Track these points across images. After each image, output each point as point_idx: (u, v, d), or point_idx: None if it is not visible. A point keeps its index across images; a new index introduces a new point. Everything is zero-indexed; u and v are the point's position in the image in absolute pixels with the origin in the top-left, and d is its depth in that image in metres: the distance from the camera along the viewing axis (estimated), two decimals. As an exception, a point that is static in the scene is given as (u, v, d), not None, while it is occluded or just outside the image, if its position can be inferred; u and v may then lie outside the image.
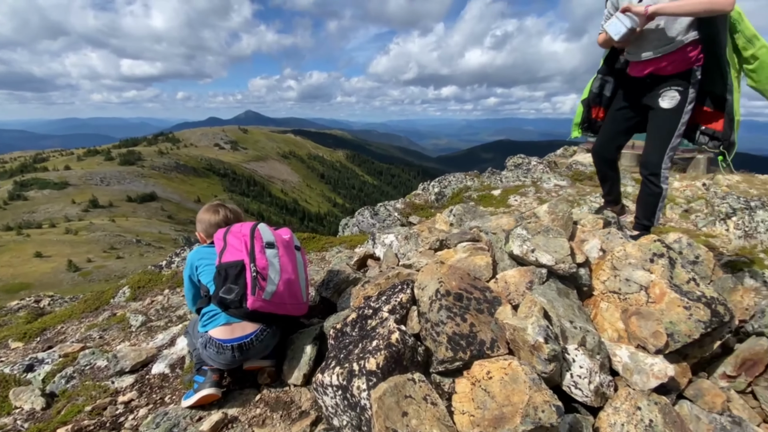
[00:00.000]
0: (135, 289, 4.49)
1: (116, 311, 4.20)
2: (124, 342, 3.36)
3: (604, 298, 1.75)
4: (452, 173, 9.05)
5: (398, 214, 7.47)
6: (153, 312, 3.80)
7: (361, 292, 1.95)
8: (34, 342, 4.18)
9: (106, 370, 2.78)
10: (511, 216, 2.47)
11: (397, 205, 8.10)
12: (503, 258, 2.00)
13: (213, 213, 2.18)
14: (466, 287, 1.61)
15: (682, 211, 5.48)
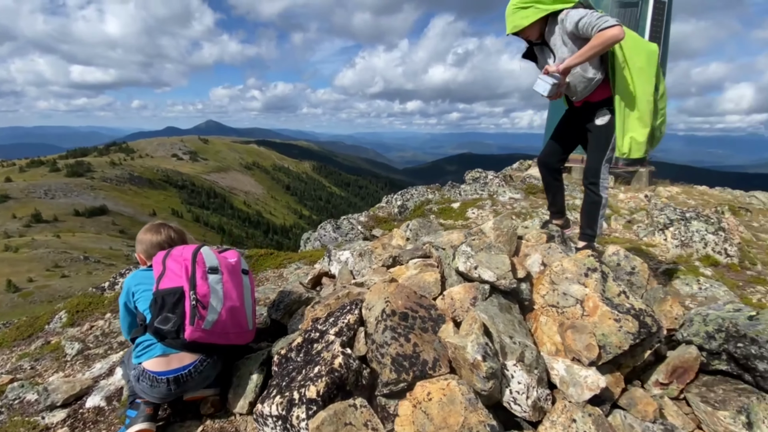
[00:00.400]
0: (73, 313, 4.15)
1: (51, 338, 3.87)
2: (57, 373, 3.09)
3: (543, 312, 1.82)
4: (414, 186, 9.20)
5: (361, 228, 7.46)
6: (92, 339, 3.53)
7: (311, 313, 1.91)
8: (-47, 376, 3.76)
9: (36, 405, 2.55)
10: (461, 232, 2.53)
11: (360, 218, 8.10)
12: (451, 274, 2.04)
13: (154, 233, 2.04)
14: (412, 306, 1.62)
15: (625, 222, 5.86)
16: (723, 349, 1.80)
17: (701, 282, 4.01)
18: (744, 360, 1.75)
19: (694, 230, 4.94)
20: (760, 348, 1.71)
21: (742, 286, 4.22)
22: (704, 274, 4.24)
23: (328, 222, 7.46)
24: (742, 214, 7.31)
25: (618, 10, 9.24)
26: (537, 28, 2.33)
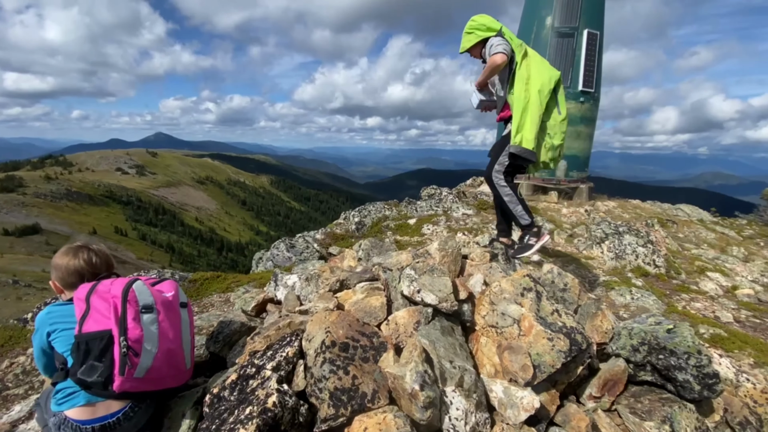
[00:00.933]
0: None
1: (-44, 381, 3.38)
2: (-40, 421, 2.70)
3: (484, 333, 1.86)
4: (372, 203, 9.24)
5: (317, 246, 7.33)
6: (11, 377, 3.14)
7: (250, 345, 1.82)
8: None
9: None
10: (410, 252, 2.55)
11: (316, 236, 7.97)
12: (397, 297, 2.04)
13: (72, 257, 1.76)
14: (353, 335, 1.59)
15: (567, 236, 6.23)
16: (647, 361, 1.93)
17: (633, 292, 4.33)
18: (665, 371, 1.88)
19: (627, 243, 5.35)
20: (678, 359, 1.85)
21: (669, 294, 4.61)
22: (636, 284, 4.58)
23: (281, 240, 7.25)
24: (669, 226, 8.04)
25: (557, 40, 10.01)
26: (479, 49, 2.88)
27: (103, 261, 1.83)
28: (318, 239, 7.91)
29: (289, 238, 7.48)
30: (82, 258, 1.77)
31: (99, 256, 1.82)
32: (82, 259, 1.77)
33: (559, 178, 10.22)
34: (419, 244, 5.74)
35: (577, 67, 10.03)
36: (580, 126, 10.32)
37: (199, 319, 3.38)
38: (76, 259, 1.76)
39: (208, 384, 1.89)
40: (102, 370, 1.44)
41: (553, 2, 10.11)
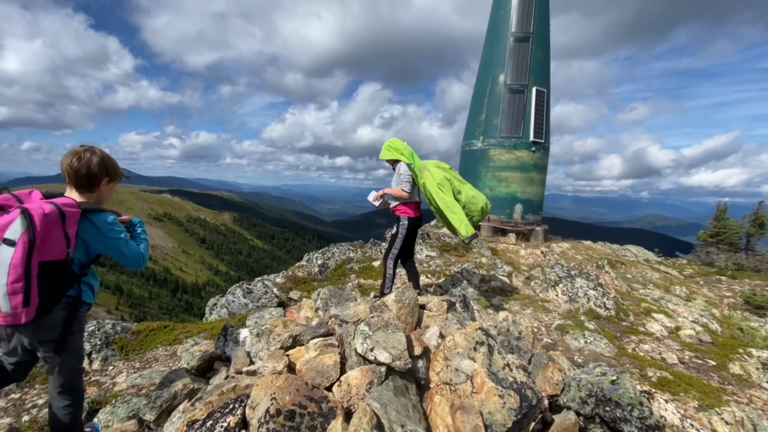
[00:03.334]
0: None
1: None
2: None
3: (438, 391, 1.83)
4: (336, 244, 9.17)
5: (277, 290, 7.08)
6: None
7: (189, 413, 1.68)
8: None
9: None
10: (367, 303, 2.52)
11: (277, 280, 7.71)
12: (351, 354, 1.99)
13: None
14: (301, 401, 1.51)
15: (524, 279, 6.44)
16: (595, 413, 1.97)
17: (587, 336, 4.47)
18: (612, 423, 1.92)
19: (579, 286, 5.60)
20: (623, 411, 1.90)
21: (620, 336, 4.80)
22: (588, 327, 4.75)
23: (238, 285, 6.94)
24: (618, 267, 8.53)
25: (509, 96, 10.90)
26: (393, 161, 4.18)
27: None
28: (278, 283, 7.65)
29: (247, 283, 7.18)
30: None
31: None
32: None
33: (516, 220, 10.70)
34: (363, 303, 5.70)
35: (528, 120, 10.88)
36: (533, 173, 11.03)
37: (140, 377, 3.10)
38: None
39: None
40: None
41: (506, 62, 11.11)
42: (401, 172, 3.99)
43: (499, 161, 10.83)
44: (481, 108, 11.47)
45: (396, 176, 4.05)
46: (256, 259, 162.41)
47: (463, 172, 11.90)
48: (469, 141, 11.64)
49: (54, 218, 1.67)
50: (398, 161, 4.10)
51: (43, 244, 1.64)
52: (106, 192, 1.94)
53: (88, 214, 1.79)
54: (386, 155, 4.19)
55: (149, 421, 2.01)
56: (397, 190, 3.97)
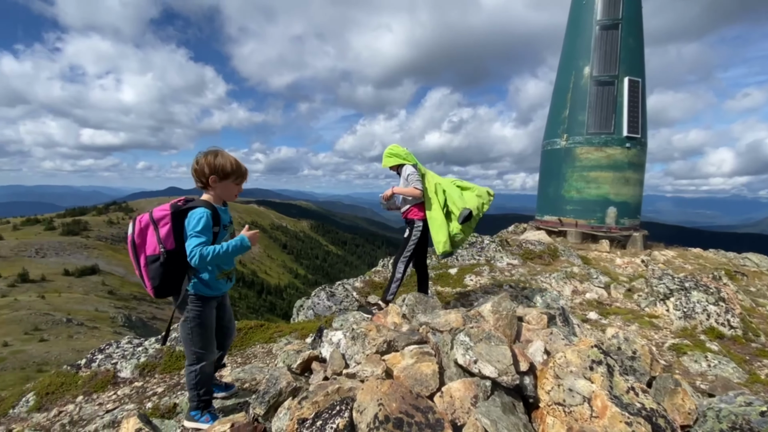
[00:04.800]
0: (42, 395, 3.83)
1: (13, 426, 3.51)
2: (12, 471, 2.76)
3: (550, 412, 1.68)
4: (411, 251, 9.17)
5: (357, 294, 7.27)
6: (58, 428, 3.21)
7: (297, 411, 1.76)
8: None
9: None
10: (459, 312, 2.44)
11: (356, 284, 7.94)
12: (450, 365, 1.92)
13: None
14: (407, 409, 1.49)
15: (625, 291, 5.76)
16: (746, 453, 1.64)
17: (709, 358, 3.84)
18: (771, 467, 1.59)
19: (695, 301, 4.84)
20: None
21: (749, 360, 4.04)
22: (711, 349, 4.08)
23: (321, 289, 7.27)
24: (739, 278, 7.26)
25: (596, 89, 9.99)
26: (396, 167, 4.06)
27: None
28: (357, 287, 7.86)
29: (329, 286, 7.49)
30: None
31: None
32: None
33: (609, 225, 9.72)
34: (462, 296, 5.52)
35: (620, 114, 9.86)
36: (628, 171, 9.94)
37: (242, 372, 3.37)
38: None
39: (254, 452, 1.82)
40: None
41: (591, 53, 10.22)
42: (409, 173, 3.88)
43: (587, 160, 9.95)
44: (564, 104, 10.67)
45: (403, 180, 3.93)
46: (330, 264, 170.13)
47: (545, 174, 11.16)
48: (551, 140, 10.89)
49: (146, 224, 2.14)
50: (402, 165, 3.98)
51: (142, 243, 2.12)
52: (222, 189, 2.22)
53: (189, 211, 2.12)
54: (389, 162, 4.05)
55: (258, 415, 2.15)
56: (410, 189, 3.84)
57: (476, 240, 9.12)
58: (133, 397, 3.52)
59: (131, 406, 3.29)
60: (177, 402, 2.99)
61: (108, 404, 3.44)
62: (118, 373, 3.91)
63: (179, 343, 4.39)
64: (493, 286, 6.14)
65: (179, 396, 3.12)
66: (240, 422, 2.23)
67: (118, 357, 4.14)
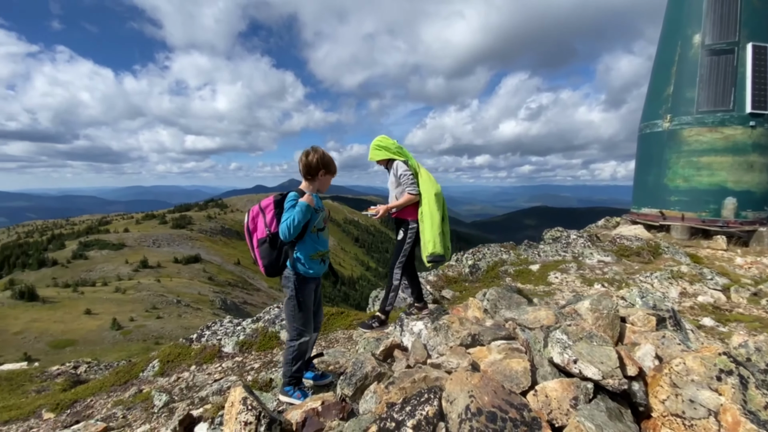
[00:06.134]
0: (164, 363, 4.49)
1: (143, 387, 4.18)
2: (145, 424, 3.28)
3: (665, 423, 1.49)
4: (486, 245, 8.84)
5: (431, 288, 7.25)
6: (177, 391, 3.73)
7: (385, 395, 1.80)
8: (64, 414, 4.19)
9: (121, 459, 2.68)
10: (550, 309, 2.29)
11: (429, 277, 7.91)
12: (542, 363, 1.81)
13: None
14: (500, 404, 1.44)
15: (750, 295, 4.89)
16: None
17: None
18: None
19: None
20: None
21: None
22: None
23: (397, 280, 7.38)
24: None
25: (710, 59, 8.57)
26: (385, 161, 3.61)
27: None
28: (431, 281, 7.83)
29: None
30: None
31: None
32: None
33: (726, 219, 8.34)
34: (546, 294, 5.17)
35: (742, 87, 8.35)
36: (752, 155, 8.42)
37: (327, 355, 3.57)
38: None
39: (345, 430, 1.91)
40: None
41: (702, 18, 8.79)
42: (401, 173, 3.46)
43: (696, 143, 8.62)
44: (667, 79, 9.36)
45: (394, 178, 3.53)
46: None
47: (643, 161, 9.95)
48: (651, 122, 9.63)
49: (256, 212, 2.54)
50: (392, 160, 3.55)
51: (254, 228, 2.53)
52: (323, 181, 2.55)
53: (284, 199, 2.45)
54: (377, 155, 3.57)
55: (346, 395, 2.26)
56: (404, 199, 3.44)
57: (561, 235, 8.46)
58: (234, 369, 3.95)
59: (234, 377, 3.69)
60: (272, 377, 3.28)
61: (215, 374, 3.91)
62: (222, 348, 4.42)
63: (271, 324, 4.80)
64: (582, 285, 5.65)
65: (274, 372, 3.43)
66: (330, 401, 2.37)
67: (222, 334, 4.67)
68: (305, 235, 2.52)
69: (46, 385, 5.81)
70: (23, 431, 3.98)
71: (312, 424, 2.26)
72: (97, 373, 5.94)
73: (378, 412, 1.73)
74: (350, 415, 2.31)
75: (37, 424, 4.07)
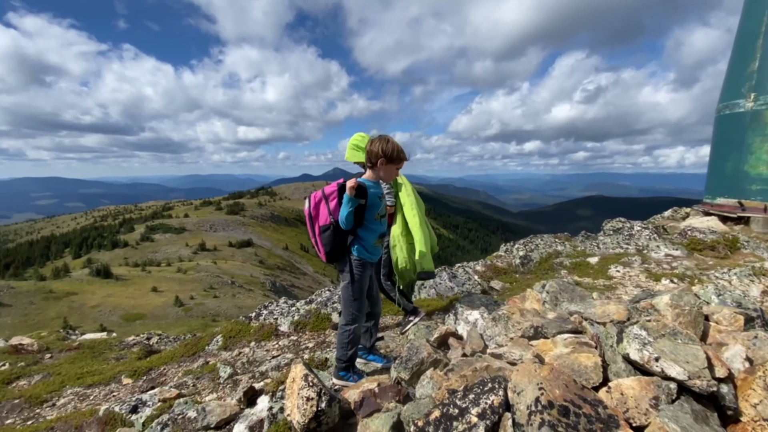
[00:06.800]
0: (227, 338, 4.81)
1: (209, 359, 4.52)
2: (212, 393, 3.55)
3: (757, 428, 1.35)
4: (539, 235, 8.47)
5: (478, 278, 7.12)
6: (239, 365, 3.99)
7: (444, 381, 1.80)
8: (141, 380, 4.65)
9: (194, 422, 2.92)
10: (621, 303, 2.15)
11: (477, 267, 7.77)
12: (615, 360, 1.71)
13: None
14: (572, 398, 1.38)
15: None
16: None
17: None
18: None
19: None
20: None
21: None
22: None
23: (443, 269, 7.31)
24: None
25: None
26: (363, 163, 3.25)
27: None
28: (478, 271, 7.68)
29: (450, 268, 7.49)
30: None
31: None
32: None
33: None
34: (607, 288, 4.87)
35: None
36: None
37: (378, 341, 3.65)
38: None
39: (403, 412, 1.94)
40: None
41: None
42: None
43: (788, 126, 7.62)
44: (752, 54, 8.30)
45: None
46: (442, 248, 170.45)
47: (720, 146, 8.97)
48: (731, 101, 8.63)
49: (319, 199, 2.53)
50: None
51: (316, 215, 2.52)
52: (385, 170, 2.47)
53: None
54: (355, 156, 3.25)
55: (403, 379, 2.29)
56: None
57: (622, 226, 7.90)
58: (291, 348, 4.15)
59: (290, 355, 3.88)
60: (327, 357, 3.41)
61: (273, 351, 4.14)
62: (278, 326, 4.65)
63: (323, 306, 4.98)
64: (648, 280, 5.25)
65: (328, 352, 3.56)
66: (385, 383, 2.41)
67: (278, 314, 4.92)
68: (368, 222, 2.51)
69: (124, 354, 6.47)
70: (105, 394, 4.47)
71: (369, 404, 2.32)
72: (167, 345, 6.51)
73: (438, 397, 1.74)
74: (406, 398, 2.34)
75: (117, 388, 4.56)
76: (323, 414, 2.20)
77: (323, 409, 2.19)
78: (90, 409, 3.73)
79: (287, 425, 2.45)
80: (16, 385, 4.86)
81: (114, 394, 4.35)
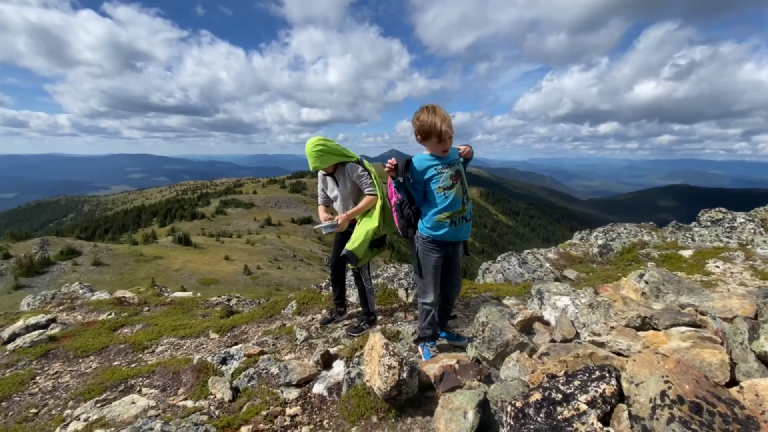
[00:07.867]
0: (301, 304, 5.10)
1: (285, 322, 4.83)
2: (290, 353, 3.79)
3: None
4: (621, 224, 7.77)
5: (550, 265, 6.76)
6: (313, 330, 4.21)
7: (539, 365, 1.72)
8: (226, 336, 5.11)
9: (277, 378, 3.15)
10: (746, 297, 1.88)
11: (549, 255, 7.38)
12: (746, 358, 1.50)
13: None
14: (705, 396, 1.23)
15: None
16: None
17: None
18: None
19: None
20: None
21: None
22: None
23: (511, 254, 7.04)
24: None
25: None
26: (333, 167, 3.35)
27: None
28: (550, 258, 7.29)
29: (518, 254, 7.19)
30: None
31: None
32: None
33: None
34: (705, 285, 4.34)
35: None
36: None
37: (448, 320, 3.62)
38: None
39: (490, 392, 1.90)
40: None
41: None
42: (358, 174, 3.26)
43: None
44: None
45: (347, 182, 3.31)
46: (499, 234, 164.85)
47: None
48: None
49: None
50: (343, 164, 3.32)
51: (391, 195, 2.63)
52: (430, 145, 2.43)
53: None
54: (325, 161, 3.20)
55: (486, 359, 2.24)
56: (365, 201, 3.26)
57: (723, 217, 6.96)
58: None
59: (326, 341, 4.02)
60: (399, 330, 3.46)
61: (344, 320, 4.31)
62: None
63: (390, 282, 5.05)
64: (754, 278, 4.60)
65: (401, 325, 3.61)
66: (465, 361, 2.39)
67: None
68: (430, 196, 2.46)
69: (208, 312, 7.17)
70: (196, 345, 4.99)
71: (449, 379, 2.31)
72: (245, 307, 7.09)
73: (534, 381, 1.66)
74: (487, 378, 2.30)
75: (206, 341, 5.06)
76: (404, 383, 2.23)
77: (404, 378, 2.23)
78: (185, 357, 4.18)
79: (366, 390, 2.54)
80: (120, 332, 5.59)
81: (203, 346, 4.83)
